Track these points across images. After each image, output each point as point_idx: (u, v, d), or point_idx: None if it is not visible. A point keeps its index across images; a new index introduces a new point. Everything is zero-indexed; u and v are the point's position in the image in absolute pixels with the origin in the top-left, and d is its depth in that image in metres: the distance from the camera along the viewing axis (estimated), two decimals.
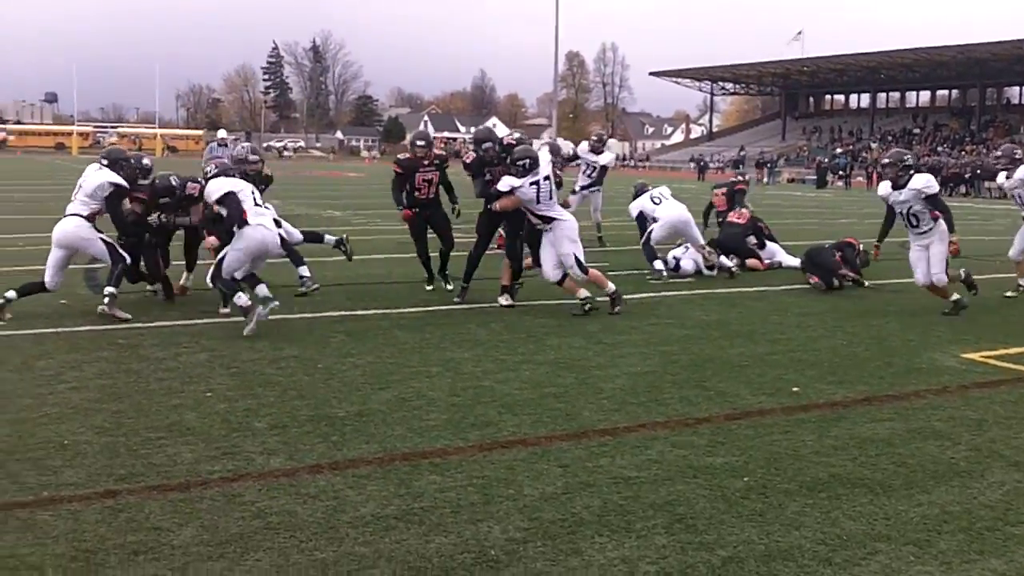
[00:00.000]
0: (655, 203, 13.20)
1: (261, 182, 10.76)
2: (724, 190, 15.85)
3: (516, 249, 10.40)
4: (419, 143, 11.22)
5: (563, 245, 9.86)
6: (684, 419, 6.24)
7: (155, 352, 7.76)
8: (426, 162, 11.05)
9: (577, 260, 9.90)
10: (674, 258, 13.36)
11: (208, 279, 8.94)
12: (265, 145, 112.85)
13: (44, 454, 5.27)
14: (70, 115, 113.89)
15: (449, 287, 11.09)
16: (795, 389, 7.06)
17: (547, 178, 9.83)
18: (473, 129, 13.84)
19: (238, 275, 8.85)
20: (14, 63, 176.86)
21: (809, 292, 11.97)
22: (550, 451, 5.56)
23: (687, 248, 13.38)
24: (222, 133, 25.05)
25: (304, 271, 9.39)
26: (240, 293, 8.61)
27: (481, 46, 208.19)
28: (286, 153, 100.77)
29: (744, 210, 14.85)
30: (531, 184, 9.73)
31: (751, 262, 14.00)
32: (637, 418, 6.28)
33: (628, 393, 6.87)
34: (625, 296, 10.48)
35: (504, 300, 10.28)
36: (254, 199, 9.03)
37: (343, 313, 9.70)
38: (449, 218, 11.27)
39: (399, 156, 11.43)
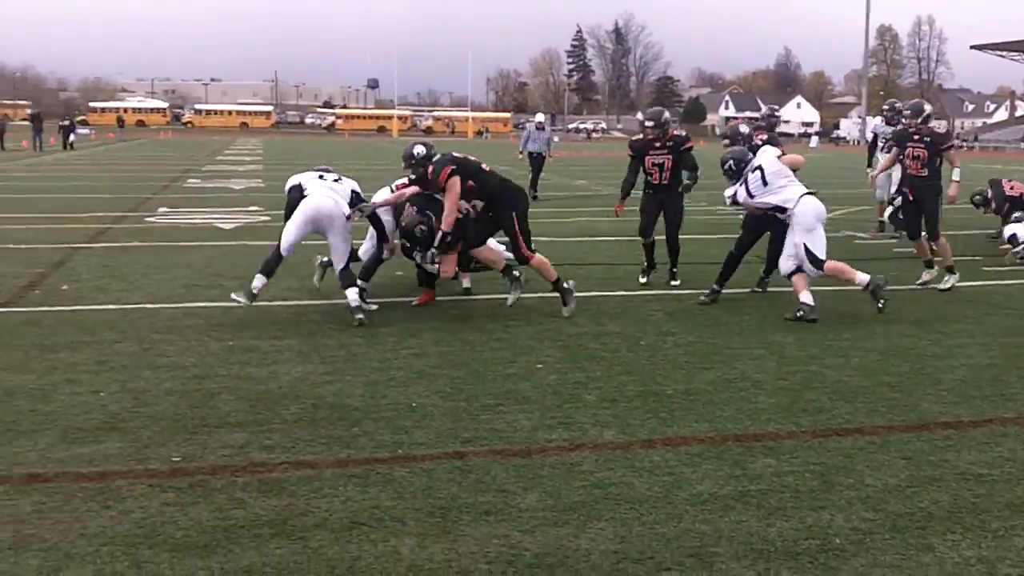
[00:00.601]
0: None
1: None
2: None
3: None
4: (648, 123, 10.03)
5: (795, 234, 8.78)
6: None
7: (486, 324, 8.11)
8: (657, 144, 9.93)
9: (809, 252, 8.63)
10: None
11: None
12: (572, 127, 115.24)
13: (395, 414, 5.64)
14: (390, 100, 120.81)
15: (675, 282, 10.21)
16: None
17: (757, 168, 8.94)
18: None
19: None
20: (341, 52, 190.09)
21: None
22: (889, 442, 5.33)
23: None
24: (540, 116, 24.62)
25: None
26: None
27: (786, 24, 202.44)
28: (594, 135, 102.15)
29: None
30: (740, 184, 9.07)
31: None
32: (982, 412, 5.90)
33: (970, 386, 6.46)
34: (957, 284, 9.88)
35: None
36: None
37: (659, 292, 9.73)
38: (683, 209, 10.31)
39: (632, 138, 10.51)
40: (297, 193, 8.38)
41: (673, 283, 10.14)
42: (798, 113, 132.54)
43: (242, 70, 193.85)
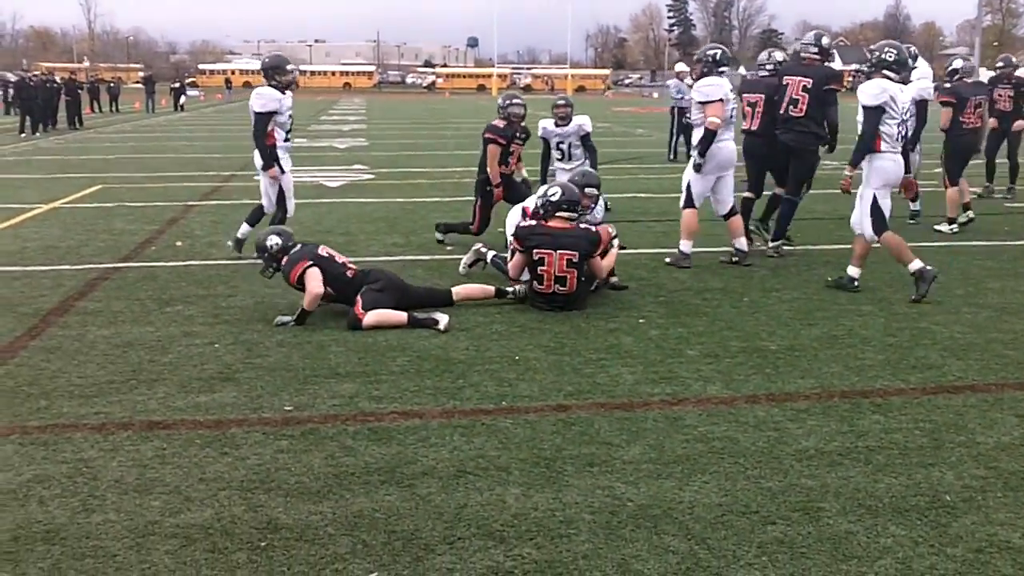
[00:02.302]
0: None
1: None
2: None
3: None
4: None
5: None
6: None
7: None
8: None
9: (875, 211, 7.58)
10: None
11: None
12: (671, 82, 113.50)
13: (499, 367, 5.71)
14: (489, 58, 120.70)
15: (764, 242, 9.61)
16: None
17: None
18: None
19: None
20: (441, 11, 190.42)
21: None
22: (1002, 399, 5.21)
23: None
24: (681, 66, 20.73)
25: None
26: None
27: None
28: None
29: None
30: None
31: None
32: None
33: None
34: None
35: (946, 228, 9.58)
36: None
37: (763, 248, 9.59)
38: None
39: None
40: None
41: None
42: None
43: (345, 31, 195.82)
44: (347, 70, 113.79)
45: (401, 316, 6.57)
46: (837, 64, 49.04)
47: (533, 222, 7.35)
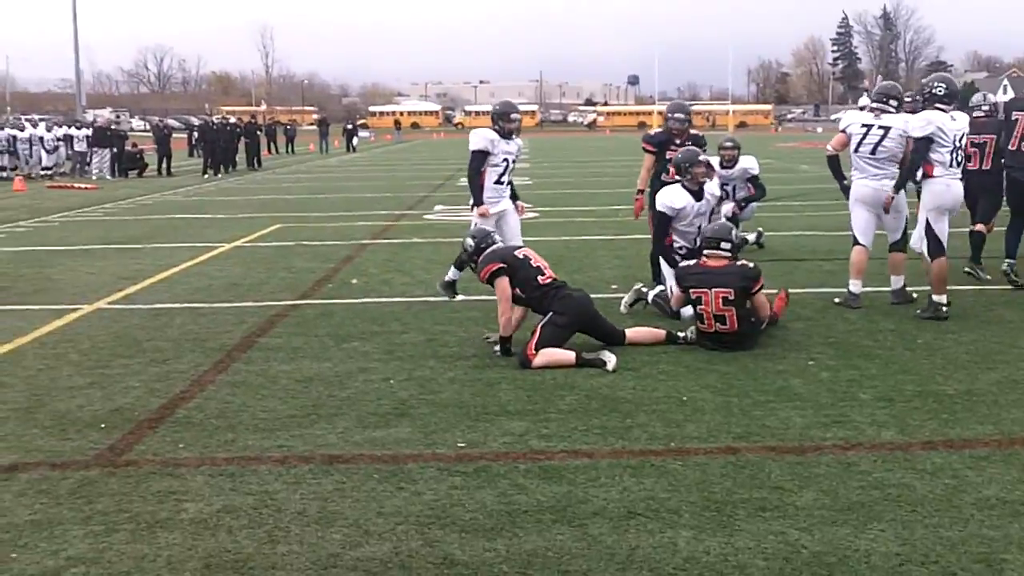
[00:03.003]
0: None
1: None
2: None
3: None
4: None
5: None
6: None
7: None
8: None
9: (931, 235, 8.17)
10: None
11: None
12: (834, 116, 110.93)
13: (666, 408, 5.73)
14: (650, 95, 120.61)
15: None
16: None
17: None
18: None
19: None
20: (603, 50, 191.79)
21: None
22: None
23: None
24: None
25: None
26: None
27: None
28: None
29: None
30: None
31: None
32: None
33: None
34: None
35: None
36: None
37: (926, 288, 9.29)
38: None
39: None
40: None
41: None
42: None
43: (508, 72, 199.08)
44: None
45: (570, 356, 6.67)
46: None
47: (692, 261, 7.39)
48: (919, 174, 8.25)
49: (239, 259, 11.93)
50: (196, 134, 37.42)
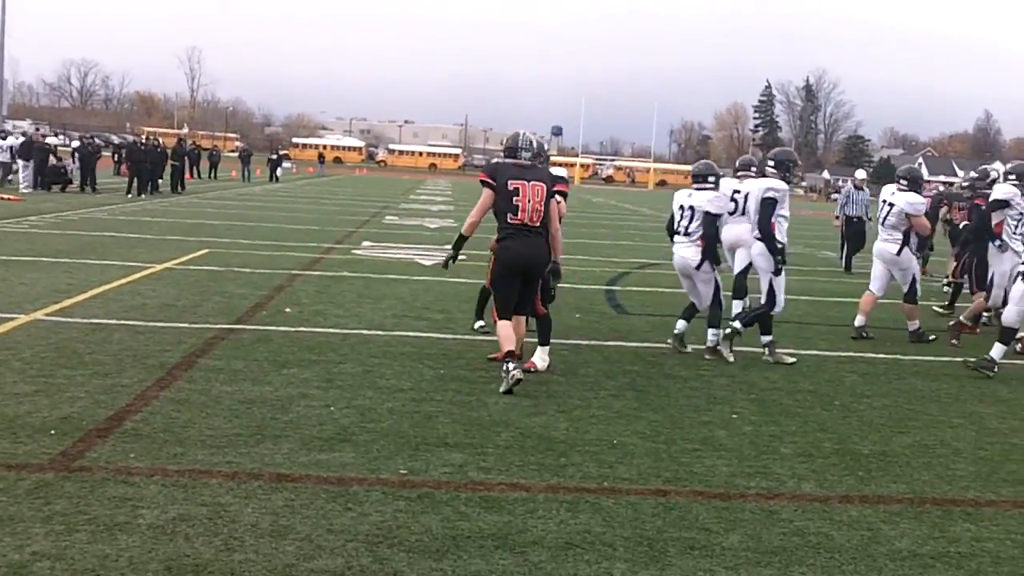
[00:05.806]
0: None
1: None
2: None
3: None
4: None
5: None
6: None
7: (679, 371, 8.38)
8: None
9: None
10: None
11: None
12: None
13: (598, 449, 5.98)
14: (572, 147, 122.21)
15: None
16: None
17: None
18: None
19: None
20: (528, 101, 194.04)
21: None
22: None
23: None
24: (861, 174, 19.91)
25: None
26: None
27: (987, 86, 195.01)
28: None
29: None
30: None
31: None
32: None
33: None
34: None
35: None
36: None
37: (852, 354, 9.76)
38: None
39: None
40: None
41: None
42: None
43: (434, 114, 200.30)
44: (434, 151, 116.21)
45: (509, 345, 7.29)
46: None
47: None
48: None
49: (171, 280, 11.90)
50: (124, 153, 36.94)
